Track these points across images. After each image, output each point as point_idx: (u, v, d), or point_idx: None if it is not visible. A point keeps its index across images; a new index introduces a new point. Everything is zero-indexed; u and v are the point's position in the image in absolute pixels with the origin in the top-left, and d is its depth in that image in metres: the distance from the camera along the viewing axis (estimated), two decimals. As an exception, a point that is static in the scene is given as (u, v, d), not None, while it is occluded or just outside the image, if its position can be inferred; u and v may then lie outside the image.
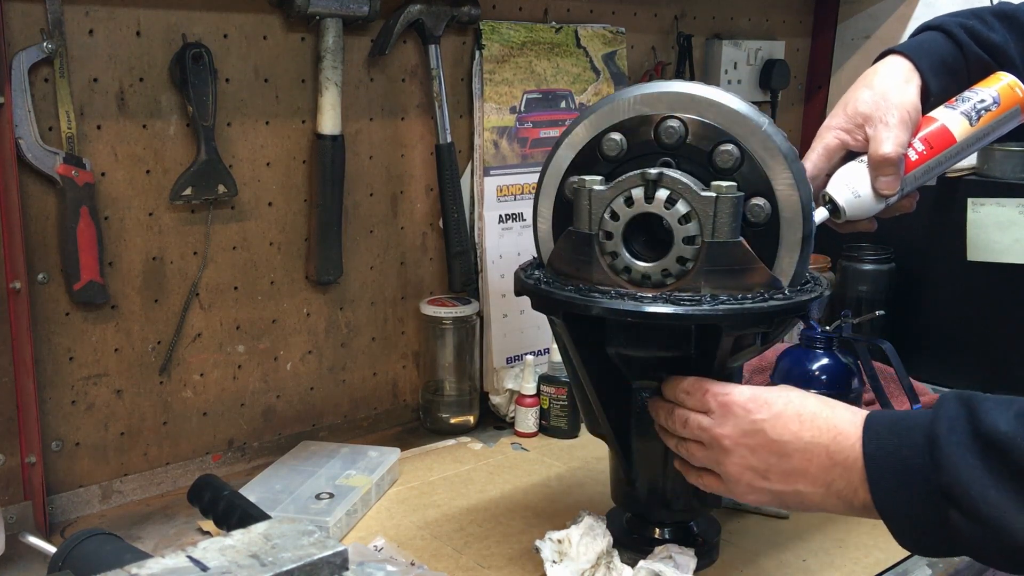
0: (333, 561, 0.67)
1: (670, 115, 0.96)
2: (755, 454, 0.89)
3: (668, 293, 0.94)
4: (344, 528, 1.17)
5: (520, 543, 1.15)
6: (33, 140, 1.11)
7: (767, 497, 0.90)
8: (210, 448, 1.34)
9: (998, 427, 0.73)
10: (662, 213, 0.94)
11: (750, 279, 0.94)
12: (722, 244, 0.93)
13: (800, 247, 0.95)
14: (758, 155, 0.94)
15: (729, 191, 0.92)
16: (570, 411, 1.47)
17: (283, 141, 1.33)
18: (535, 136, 1.57)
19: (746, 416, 0.89)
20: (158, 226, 1.24)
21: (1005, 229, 1.56)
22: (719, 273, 0.93)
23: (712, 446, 0.92)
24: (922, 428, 0.78)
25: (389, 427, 1.53)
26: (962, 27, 1.12)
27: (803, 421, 0.87)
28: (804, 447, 0.86)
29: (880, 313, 1.53)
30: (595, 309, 0.94)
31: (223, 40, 1.25)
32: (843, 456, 0.83)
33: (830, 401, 0.89)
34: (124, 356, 1.24)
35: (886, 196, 1.07)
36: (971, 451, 0.74)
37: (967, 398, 0.77)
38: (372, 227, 1.45)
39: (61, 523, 1.20)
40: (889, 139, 1.05)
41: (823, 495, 0.86)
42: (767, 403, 0.89)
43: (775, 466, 0.88)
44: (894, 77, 1.09)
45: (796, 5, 2.02)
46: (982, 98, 1.08)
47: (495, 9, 1.51)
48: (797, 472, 0.87)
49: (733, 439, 0.90)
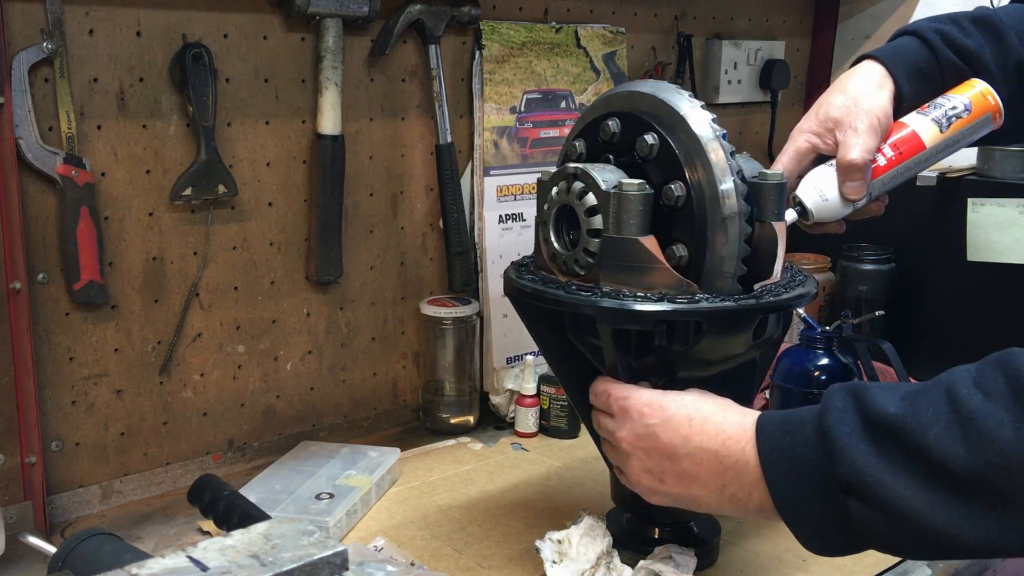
0: (333, 561, 0.67)
1: (607, 113, 1.01)
2: (650, 457, 0.90)
3: (570, 282, 0.99)
4: (344, 528, 1.17)
5: (520, 543, 1.15)
6: (33, 140, 1.11)
7: (667, 499, 0.92)
8: (210, 448, 1.34)
9: (887, 410, 0.74)
10: (574, 205, 0.97)
11: (651, 278, 0.94)
12: (618, 240, 0.94)
13: (728, 227, 0.93)
14: (679, 141, 0.95)
15: (629, 188, 0.93)
16: (570, 411, 1.47)
17: (283, 141, 1.33)
18: (535, 136, 1.57)
19: (640, 420, 0.91)
20: (158, 226, 1.24)
21: (1005, 229, 1.56)
22: (618, 268, 0.95)
23: (616, 448, 0.94)
24: (811, 422, 0.78)
25: (389, 427, 1.53)
26: (937, 32, 1.12)
27: (693, 425, 0.88)
28: (692, 451, 0.87)
29: (880, 313, 1.54)
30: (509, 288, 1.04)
31: (223, 40, 1.25)
32: (733, 460, 0.84)
33: (726, 404, 0.90)
34: (124, 356, 1.24)
35: (853, 200, 1.08)
36: (863, 438, 0.74)
37: (852, 388, 0.78)
38: (372, 227, 1.45)
39: (61, 523, 1.20)
40: (857, 145, 1.05)
41: (717, 499, 0.87)
42: (661, 407, 0.90)
43: (668, 469, 0.89)
44: (867, 82, 1.10)
45: (796, 5, 2.02)
46: (954, 105, 1.09)
47: (495, 9, 1.51)
48: (689, 476, 0.88)
49: (630, 442, 0.92)
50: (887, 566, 1.12)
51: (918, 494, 0.72)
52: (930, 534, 0.72)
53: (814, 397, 1.15)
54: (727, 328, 0.97)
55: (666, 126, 0.96)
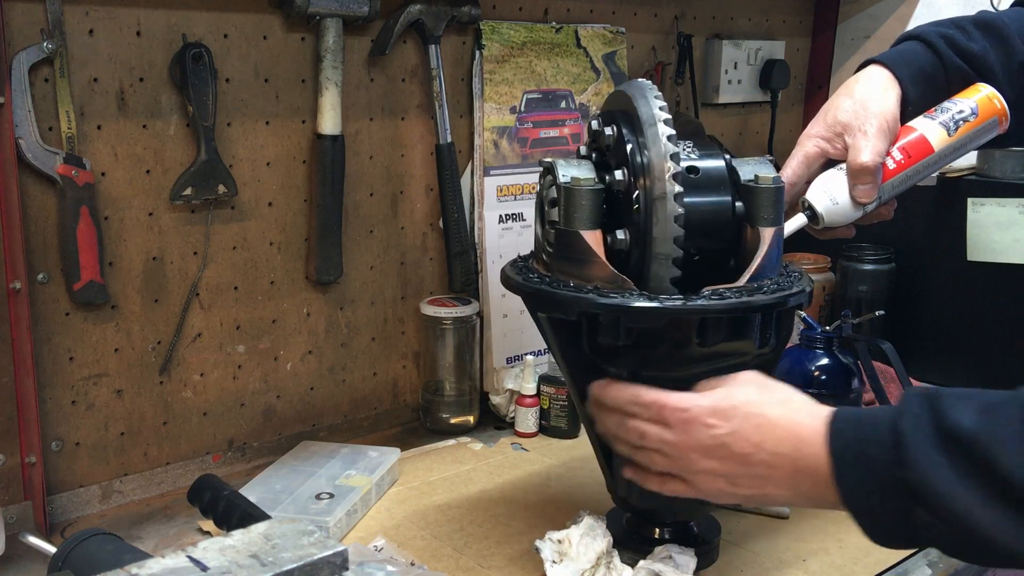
0: (333, 561, 0.67)
1: (597, 113, 1.05)
2: (723, 465, 0.90)
3: (536, 272, 1.03)
4: (344, 528, 1.17)
5: (520, 543, 1.15)
6: (33, 140, 1.11)
7: (739, 500, 0.93)
8: (210, 448, 1.34)
9: (961, 424, 0.74)
10: (544, 197, 1.02)
11: (590, 271, 0.96)
12: (565, 232, 0.97)
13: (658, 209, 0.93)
14: (632, 130, 0.97)
15: (576, 182, 0.96)
16: (570, 411, 1.47)
17: (283, 141, 1.33)
18: (535, 136, 1.57)
19: (707, 431, 0.90)
20: (158, 226, 1.24)
21: (1005, 229, 1.56)
22: (565, 259, 0.98)
23: (678, 458, 0.92)
24: (887, 424, 0.79)
25: (389, 427, 1.53)
26: (941, 36, 1.13)
27: (764, 432, 0.87)
28: (767, 459, 0.87)
29: (880, 313, 1.54)
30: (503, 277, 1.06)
31: (223, 40, 1.25)
32: (805, 463, 0.84)
33: (790, 399, 0.89)
34: (124, 356, 1.24)
35: (864, 204, 1.08)
36: (936, 448, 0.75)
37: (930, 394, 0.78)
38: (372, 227, 1.45)
39: (61, 523, 1.20)
40: (867, 148, 1.06)
41: (792, 496, 0.88)
42: (726, 416, 0.89)
43: (743, 474, 0.89)
44: (874, 86, 1.10)
45: (796, 5, 2.02)
46: (960, 109, 1.10)
47: (495, 9, 1.51)
48: (763, 479, 0.88)
49: (700, 452, 0.90)
50: (887, 566, 1.12)
51: (987, 511, 0.73)
52: (995, 548, 0.74)
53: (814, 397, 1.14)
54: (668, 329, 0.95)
55: (625, 118, 0.99)
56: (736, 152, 1.61)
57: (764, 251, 0.97)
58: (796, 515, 1.22)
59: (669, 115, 0.96)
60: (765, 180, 0.97)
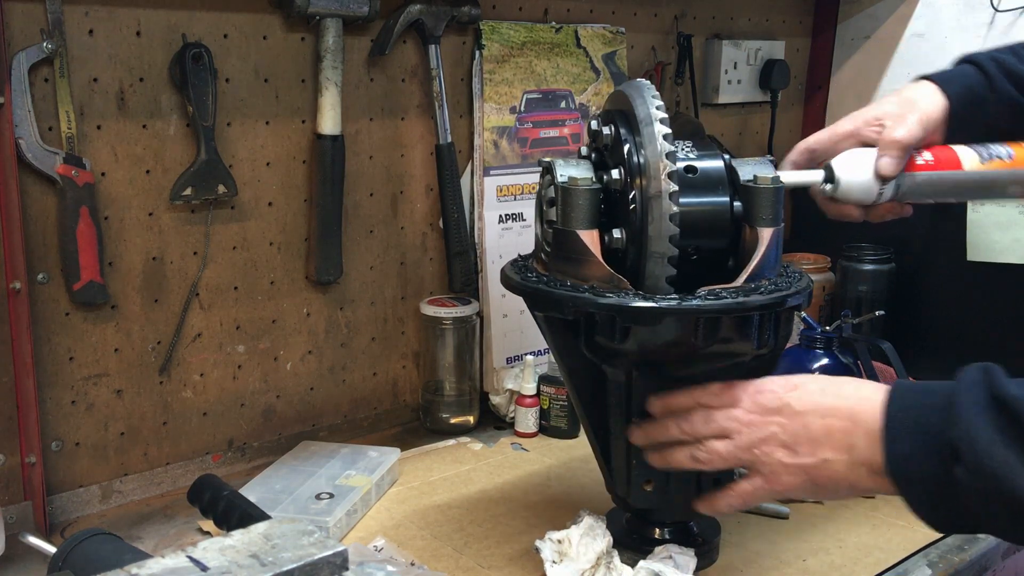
0: (333, 561, 0.67)
1: (596, 114, 1.06)
2: (784, 429, 0.92)
3: (535, 271, 1.03)
4: (344, 528, 1.17)
5: (520, 543, 1.15)
6: (33, 140, 1.11)
7: (800, 478, 0.92)
8: (210, 448, 1.34)
9: (1010, 391, 0.77)
10: (543, 196, 1.02)
11: (586, 270, 0.97)
12: (563, 231, 0.97)
13: (653, 207, 0.93)
14: (629, 130, 0.98)
15: (572, 183, 0.96)
16: (570, 411, 1.47)
17: (283, 141, 1.33)
18: (535, 136, 1.57)
19: (774, 396, 0.94)
20: (158, 226, 1.24)
21: (1005, 229, 1.56)
22: (562, 259, 0.99)
23: (742, 433, 0.94)
24: (944, 391, 0.82)
25: (389, 427, 1.53)
26: (992, 59, 1.15)
27: (825, 392, 0.91)
28: (825, 410, 0.90)
29: (880, 313, 1.53)
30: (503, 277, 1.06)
31: (223, 40, 1.25)
32: (863, 418, 0.86)
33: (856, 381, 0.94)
34: (124, 356, 1.24)
35: (883, 178, 1.07)
36: (985, 409, 0.77)
37: (990, 367, 0.81)
38: (372, 227, 1.45)
39: (61, 523, 1.20)
40: (904, 127, 1.07)
41: (847, 463, 0.88)
42: (793, 386, 0.94)
43: (803, 436, 0.91)
44: (921, 92, 1.12)
45: (796, 5, 2.02)
46: (999, 148, 1.11)
47: (495, 9, 1.51)
48: (821, 438, 0.89)
49: (765, 417, 0.93)
50: (887, 566, 1.12)
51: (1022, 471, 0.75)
52: None
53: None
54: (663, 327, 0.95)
55: (623, 118, 0.99)
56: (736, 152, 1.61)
57: (762, 251, 0.96)
58: (796, 515, 1.22)
59: (666, 114, 0.96)
60: (764, 180, 0.97)
